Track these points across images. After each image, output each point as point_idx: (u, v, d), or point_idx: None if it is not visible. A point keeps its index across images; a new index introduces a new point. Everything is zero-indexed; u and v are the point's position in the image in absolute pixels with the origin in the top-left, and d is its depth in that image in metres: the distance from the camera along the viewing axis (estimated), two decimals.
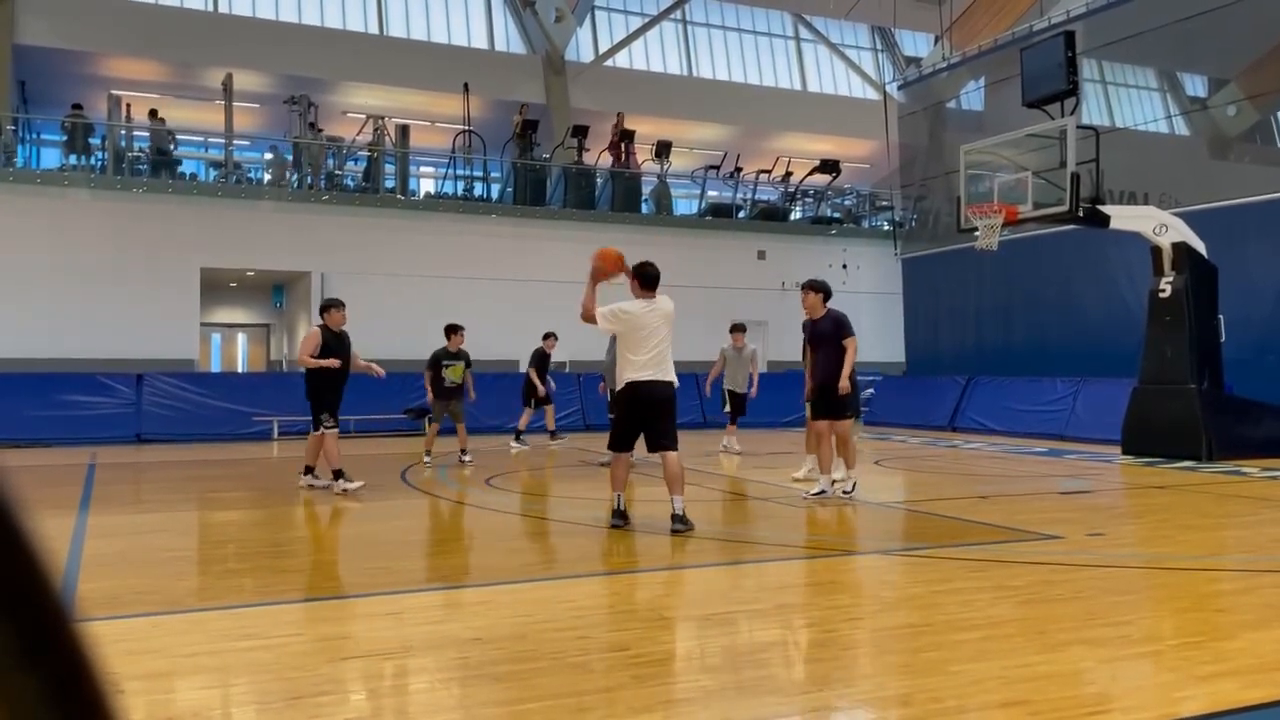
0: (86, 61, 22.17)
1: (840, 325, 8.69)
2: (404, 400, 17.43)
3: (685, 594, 5.30)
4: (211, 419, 16.35)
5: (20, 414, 15.11)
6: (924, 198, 22.27)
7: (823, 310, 8.81)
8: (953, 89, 22.12)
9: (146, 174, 19.47)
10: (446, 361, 11.87)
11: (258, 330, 23.87)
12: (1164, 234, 12.47)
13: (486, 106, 24.49)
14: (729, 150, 26.07)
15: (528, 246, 20.84)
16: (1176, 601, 4.89)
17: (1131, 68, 19.82)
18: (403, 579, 5.53)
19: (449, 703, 3.38)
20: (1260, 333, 14.06)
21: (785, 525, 7.51)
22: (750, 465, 12.52)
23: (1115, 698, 3.40)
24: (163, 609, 4.77)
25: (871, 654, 4.03)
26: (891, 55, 31.77)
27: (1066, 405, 15.79)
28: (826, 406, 8.74)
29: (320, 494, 9.22)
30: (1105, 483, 10.22)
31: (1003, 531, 6.88)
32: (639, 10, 28.57)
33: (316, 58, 23.32)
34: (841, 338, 8.65)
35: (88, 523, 7.47)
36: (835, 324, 8.71)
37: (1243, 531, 7.19)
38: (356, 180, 21.78)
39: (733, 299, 21.52)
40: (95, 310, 17.55)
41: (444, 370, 11.84)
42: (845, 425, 8.86)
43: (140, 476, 11.59)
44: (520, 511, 8.50)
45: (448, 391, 11.91)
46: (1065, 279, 17.66)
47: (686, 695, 3.42)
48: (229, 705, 3.51)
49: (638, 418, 7.03)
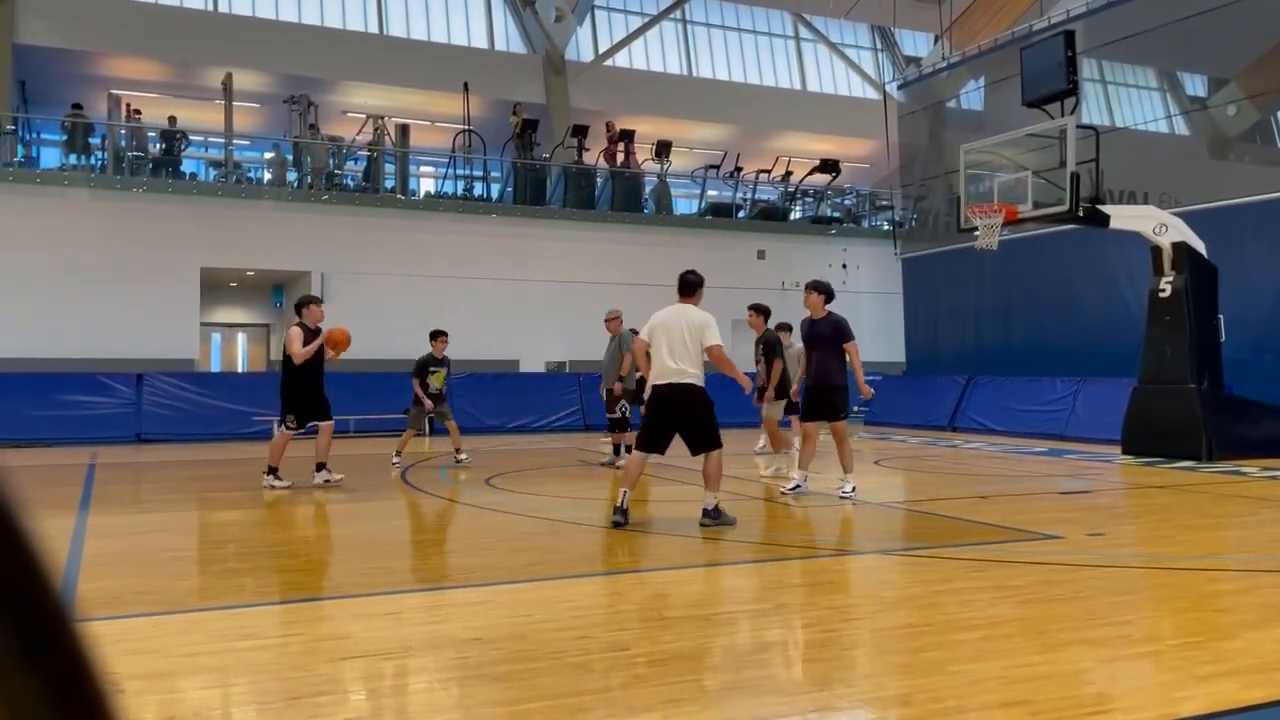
0: (86, 61, 22.17)
1: (840, 329, 8.69)
2: (404, 400, 17.40)
3: (685, 594, 5.30)
4: (211, 419, 16.35)
5: (20, 414, 15.11)
6: (924, 198, 22.27)
7: (824, 312, 8.81)
8: (952, 89, 22.12)
9: (147, 174, 19.48)
10: (433, 368, 11.80)
11: (258, 330, 23.86)
12: (1164, 234, 12.47)
13: (486, 106, 24.49)
14: (729, 150, 26.07)
15: (528, 246, 20.84)
16: (1176, 601, 4.89)
17: (1131, 67, 19.82)
18: (403, 579, 5.52)
19: (449, 703, 3.38)
20: (1259, 332, 14.06)
21: (785, 525, 7.50)
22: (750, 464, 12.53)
23: (1115, 698, 3.40)
24: (163, 609, 4.77)
25: (871, 654, 4.03)
26: (891, 55, 31.77)
27: (1066, 405, 15.79)
28: (821, 407, 8.72)
29: (319, 494, 9.23)
30: (1105, 483, 10.22)
31: (1003, 531, 6.88)
32: (639, 10, 28.57)
33: (316, 57, 23.31)
34: (842, 341, 8.65)
35: (88, 523, 7.47)
36: (835, 327, 8.71)
37: (1242, 531, 7.19)
38: (356, 180, 21.78)
39: (733, 299, 21.46)
40: (95, 310, 17.55)
41: (429, 377, 11.75)
42: (842, 426, 8.81)
43: (140, 476, 11.59)
44: (520, 511, 8.49)
45: (433, 397, 11.83)
46: (1065, 279, 17.65)
47: (686, 695, 3.41)
48: (229, 705, 3.51)
49: (660, 419, 7.13)
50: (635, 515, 7.29)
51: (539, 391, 18.65)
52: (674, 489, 9.70)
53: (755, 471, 11.10)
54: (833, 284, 9.31)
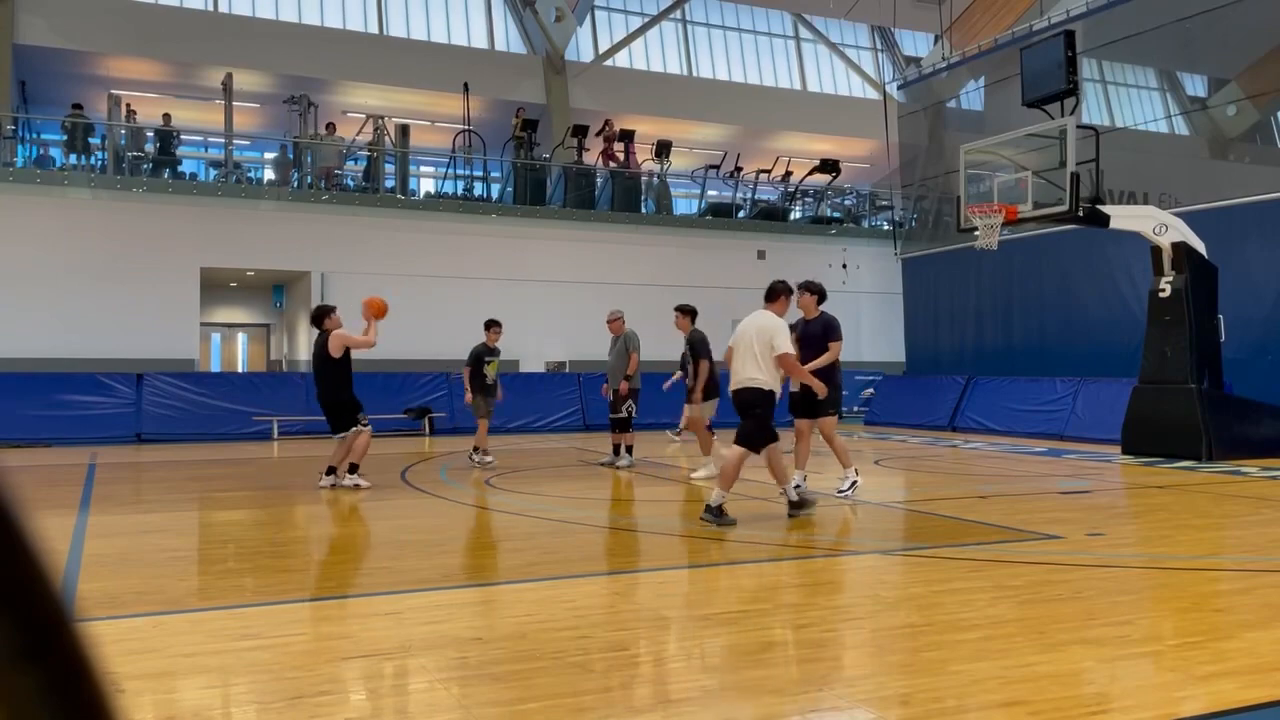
0: (86, 61, 22.17)
1: (829, 329, 8.71)
2: (404, 400, 17.46)
3: (685, 594, 5.30)
4: (211, 419, 16.35)
5: (20, 414, 15.11)
6: (924, 198, 22.27)
7: (816, 312, 8.83)
8: (952, 89, 22.12)
9: (147, 174, 19.48)
10: (488, 358, 11.78)
11: (258, 330, 23.87)
12: (1164, 234, 12.47)
13: (486, 106, 24.49)
14: (729, 150, 26.06)
15: (527, 247, 20.83)
16: (1176, 601, 4.89)
17: (1131, 68, 19.83)
18: (403, 579, 5.52)
19: (449, 703, 3.38)
20: (1260, 333, 14.06)
21: (785, 525, 7.50)
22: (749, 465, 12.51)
23: (1115, 698, 3.40)
24: (163, 609, 4.77)
25: (871, 654, 4.03)
26: (891, 55, 31.77)
27: (1066, 405, 15.79)
28: (805, 406, 8.71)
29: (320, 494, 9.23)
30: (1105, 482, 10.22)
31: (1002, 531, 6.89)
32: (639, 10, 28.57)
33: (316, 58, 23.32)
34: (828, 340, 8.67)
35: (88, 523, 7.47)
36: (824, 327, 8.73)
37: (1242, 531, 7.19)
38: (356, 180, 21.78)
39: (733, 299, 21.50)
40: (95, 310, 17.55)
41: (485, 366, 11.73)
42: (827, 423, 8.72)
43: (140, 476, 11.59)
44: (520, 511, 8.49)
45: (488, 389, 11.78)
46: (1065, 279, 17.65)
47: (686, 695, 3.42)
48: (229, 705, 3.51)
49: (741, 420, 7.54)
50: (633, 515, 7.29)
51: (539, 391, 18.66)
52: (675, 489, 9.70)
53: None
54: (833, 284, 9.33)
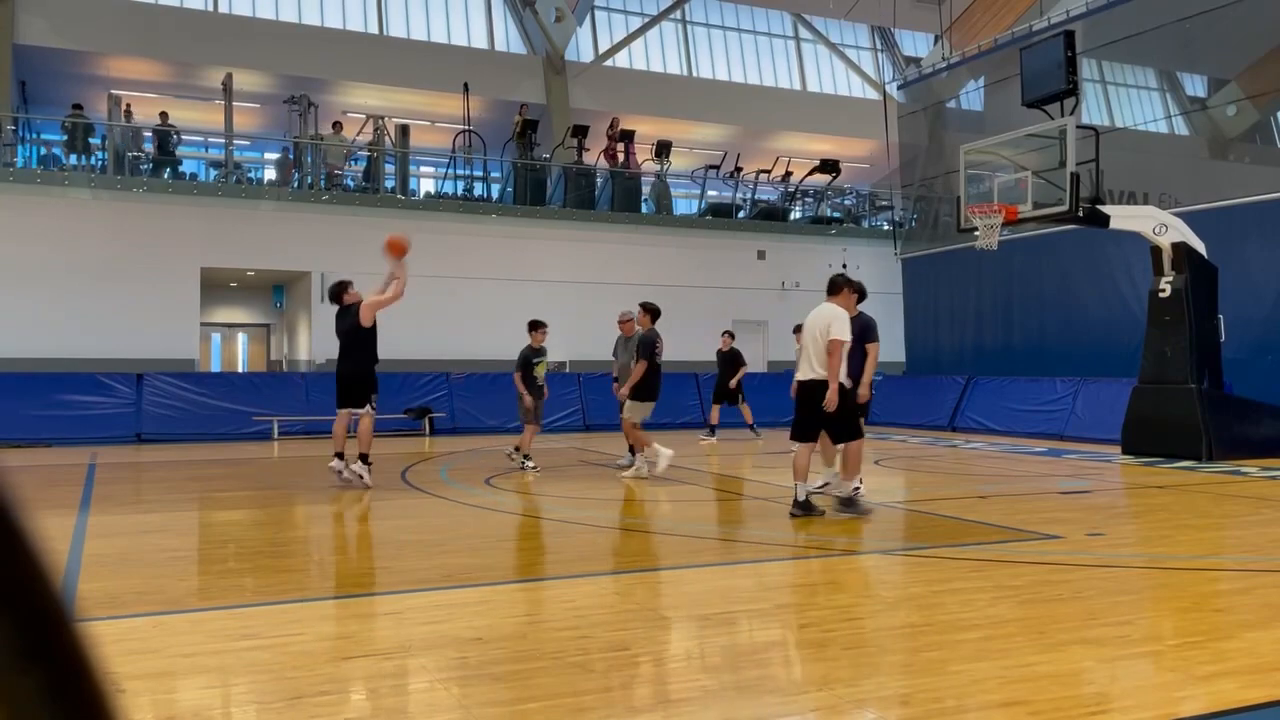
0: (86, 61, 22.17)
1: (866, 329, 8.67)
2: (404, 400, 17.45)
3: (685, 594, 5.30)
4: (211, 419, 16.35)
5: (20, 414, 15.11)
6: (924, 198, 22.28)
7: (855, 311, 8.75)
8: (952, 89, 22.13)
9: (147, 174, 19.48)
10: (535, 359, 11.53)
11: (258, 330, 23.87)
12: (1164, 234, 12.47)
13: (486, 106, 24.48)
14: (729, 150, 26.06)
15: (528, 247, 20.83)
16: (1176, 601, 4.90)
17: (1131, 68, 19.83)
18: (403, 579, 5.52)
19: (449, 703, 3.38)
20: (1260, 333, 14.07)
21: (785, 525, 7.50)
22: (750, 465, 12.54)
23: (1115, 698, 3.40)
24: (163, 609, 4.77)
25: (871, 654, 4.03)
26: (891, 55, 31.77)
27: (1066, 405, 15.79)
28: None
29: (320, 494, 9.22)
30: (1105, 482, 10.22)
31: (1003, 531, 6.89)
32: (639, 10, 28.57)
33: (316, 58, 23.31)
34: (865, 341, 8.63)
35: (88, 523, 7.47)
36: (863, 328, 8.66)
37: (1242, 531, 7.20)
38: (357, 180, 21.78)
39: (732, 299, 21.52)
40: (95, 310, 17.55)
41: (534, 369, 11.50)
42: None
43: (140, 476, 11.59)
44: (520, 511, 8.50)
45: (537, 390, 11.51)
46: (1065, 279, 17.65)
47: (686, 695, 3.42)
48: (229, 705, 3.51)
49: (802, 413, 7.63)
50: (636, 516, 7.29)
51: None
52: (676, 489, 9.70)
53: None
54: None
